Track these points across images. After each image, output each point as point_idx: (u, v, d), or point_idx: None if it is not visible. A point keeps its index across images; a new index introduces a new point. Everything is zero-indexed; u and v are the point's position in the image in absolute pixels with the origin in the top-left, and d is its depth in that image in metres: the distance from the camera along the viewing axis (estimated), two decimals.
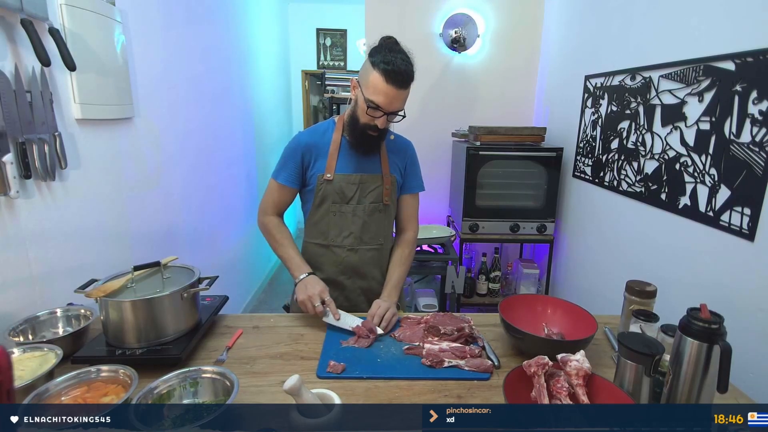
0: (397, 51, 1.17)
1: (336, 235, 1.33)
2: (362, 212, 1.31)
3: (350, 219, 1.31)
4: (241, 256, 3.11)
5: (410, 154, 1.40)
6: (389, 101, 1.15)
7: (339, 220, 1.31)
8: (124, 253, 1.57)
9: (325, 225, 1.33)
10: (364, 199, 1.31)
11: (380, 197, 1.32)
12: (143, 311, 0.99)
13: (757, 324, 1.16)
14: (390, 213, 1.36)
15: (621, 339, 0.83)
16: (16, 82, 1.07)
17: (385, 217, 1.35)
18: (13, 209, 1.09)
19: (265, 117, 3.79)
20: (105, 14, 1.41)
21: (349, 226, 1.32)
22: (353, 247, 1.33)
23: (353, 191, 1.30)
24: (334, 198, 1.30)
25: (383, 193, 1.32)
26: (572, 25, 2.29)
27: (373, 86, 1.15)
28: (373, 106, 1.16)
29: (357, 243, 1.33)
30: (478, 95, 2.72)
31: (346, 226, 1.32)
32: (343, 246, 1.33)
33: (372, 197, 1.31)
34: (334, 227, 1.32)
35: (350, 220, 1.31)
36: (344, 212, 1.31)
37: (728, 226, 1.26)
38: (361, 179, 1.30)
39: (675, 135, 1.49)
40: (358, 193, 1.30)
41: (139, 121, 1.68)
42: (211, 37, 2.49)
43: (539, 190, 2.40)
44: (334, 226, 1.32)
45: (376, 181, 1.31)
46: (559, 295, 2.48)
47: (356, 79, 1.23)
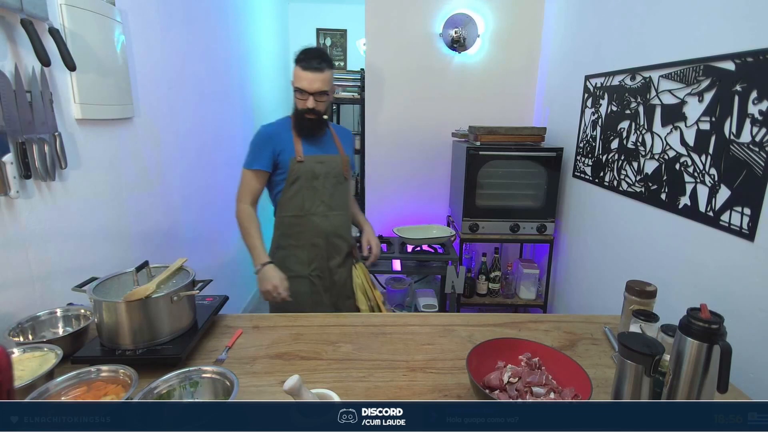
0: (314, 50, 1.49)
1: (310, 205, 1.59)
2: (330, 185, 1.60)
3: (321, 191, 1.59)
4: (241, 255, 3.10)
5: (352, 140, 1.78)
6: (309, 83, 1.47)
7: (311, 194, 1.58)
8: (124, 253, 1.57)
9: (300, 198, 1.58)
10: (329, 175, 1.59)
11: (341, 173, 1.63)
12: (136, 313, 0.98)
13: (757, 324, 1.16)
14: (348, 185, 1.69)
15: (621, 339, 0.83)
16: (16, 82, 1.07)
17: (345, 188, 1.67)
18: (13, 209, 1.09)
19: (265, 117, 3.78)
20: (105, 14, 1.41)
21: (321, 197, 1.59)
22: (325, 213, 1.60)
23: (321, 169, 1.57)
24: (307, 175, 1.56)
25: (343, 170, 1.63)
26: (572, 25, 2.29)
27: (296, 77, 1.49)
28: (298, 90, 1.49)
29: (328, 210, 1.61)
30: (478, 95, 2.71)
31: (318, 197, 1.59)
32: (317, 214, 1.59)
33: (334, 173, 1.60)
34: (308, 199, 1.58)
35: (321, 192, 1.59)
36: (315, 186, 1.58)
37: (728, 226, 1.26)
38: (325, 159, 1.59)
39: (675, 135, 1.49)
40: (324, 170, 1.58)
41: (139, 121, 1.68)
42: (212, 37, 2.49)
43: (539, 190, 2.40)
44: (308, 198, 1.58)
45: (336, 160, 1.62)
46: (559, 295, 2.48)
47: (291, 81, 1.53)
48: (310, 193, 1.58)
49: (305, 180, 1.56)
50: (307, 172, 1.55)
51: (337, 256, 1.65)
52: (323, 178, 1.58)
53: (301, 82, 1.48)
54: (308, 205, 1.58)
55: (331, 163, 1.60)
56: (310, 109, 1.50)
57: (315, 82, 1.47)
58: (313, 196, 1.58)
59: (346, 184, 1.66)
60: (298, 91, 1.50)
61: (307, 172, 1.55)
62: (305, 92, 1.48)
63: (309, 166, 1.55)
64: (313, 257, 1.61)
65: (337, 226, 1.63)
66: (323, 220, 1.60)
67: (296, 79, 1.49)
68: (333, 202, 1.61)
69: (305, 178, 1.56)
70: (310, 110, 1.51)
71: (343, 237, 1.66)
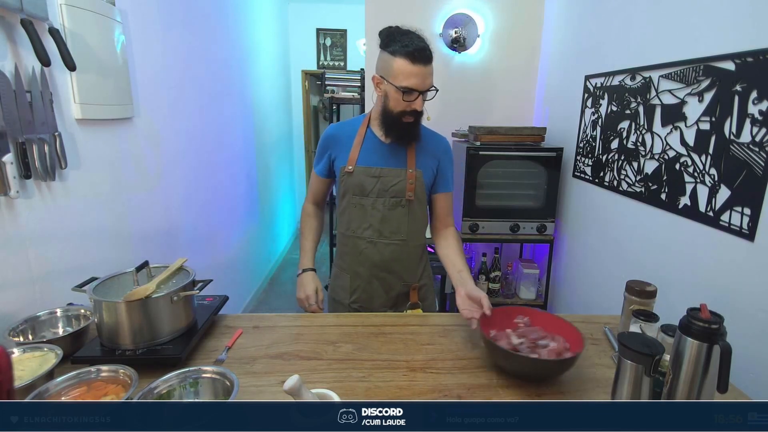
0: (408, 32, 1.19)
1: (357, 226, 1.34)
2: (382, 206, 1.30)
3: (370, 212, 1.31)
4: (241, 256, 3.11)
5: (443, 151, 1.37)
6: (421, 80, 1.17)
7: (359, 212, 1.32)
8: (124, 253, 1.57)
9: (347, 216, 1.35)
10: (385, 193, 1.30)
11: (402, 192, 1.30)
12: (136, 313, 0.98)
13: (757, 324, 1.16)
14: (415, 209, 1.33)
15: (621, 339, 0.83)
16: (16, 82, 1.07)
17: (408, 212, 1.32)
18: (13, 209, 1.09)
19: (265, 117, 3.79)
20: (105, 14, 1.41)
21: (369, 219, 1.32)
22: (372, 239, 1.33)
23: (373, 184, 1.29)
24: (354, 190, 1.31)
25: (406, 188, 1.30)
26: (572, 25, 2.29)
27: (401, 73, 1.16)
28: (408, 90, 1.17)
29: (377, 236, 1.32)
30: (478, 95, 2.72)
31: (366, 219, 1.32)
32: (363, 238, 1.33)
33: (393, 192, 1.30)
34: (355, 219, 1.33)
35: (370, 213, 1.31)
36: (364, 205, 1.31)
37: (728, 226, 1.26)
38: (382, 173, 1.29)
39: (675, 135, 1.49)
40: (378, 187, 1.29)
41: (139, 121, 1.69)
42: (212, 37, 2.49)
43: (539, 190, 2.40)
44: (355, 217, 1.33)
45: (398, 176, 1.30)
46: (559, 295, 2.48)
47: (378, 75, 1.23)
48: (357, 212, 1.32)
49: (352, 195, 1.32)
50: (354, 187, 1.30)
51: (384, 294, 1.37)
52: (374, 196, 1.30)
53: (411, 80, 1.15)
54: (354, 225, 1.34)
55: (389, 178, 1.29)
56: (413, 111, 1.20)
57: (428, 77, 1.17)
58: (360, 216, 1.32)
59: (408, 208, 1.32)
60: (403, 91, 1.17)
61: (355, 186, 1.30)
62: (414, 92, 1.17)
63: (357, 180, 1.29)
64: (356, 287, 1.38)
65: (387, 258, 1.33)
66: (369, 247, 1.33)
67: (401, 75, 1.16)
68: (384, 227, 1.31)
69: (352, 194, 1.31)
70: (413, 113, 1.21)
71: (396, 273, 1.36)
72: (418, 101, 1.19)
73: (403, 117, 1.22)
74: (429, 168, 1.34)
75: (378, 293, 1.38)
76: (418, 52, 1.14)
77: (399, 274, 1.37)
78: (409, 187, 1.30)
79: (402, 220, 1.32)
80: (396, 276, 1.37)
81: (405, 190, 1.30)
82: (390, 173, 1.30)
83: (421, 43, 1.16)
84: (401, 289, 1.38)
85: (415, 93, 1.18)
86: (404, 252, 1.35)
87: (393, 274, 1.36)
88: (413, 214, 1.34)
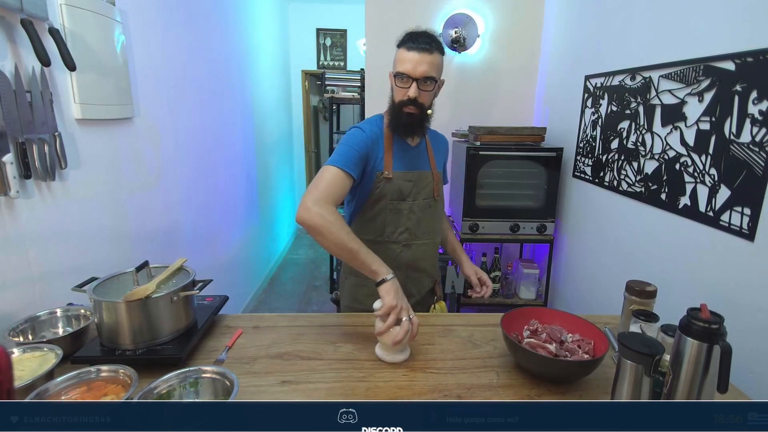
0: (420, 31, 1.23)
1: (392, 231, 1.33)
2: (417, 208, 1.34)
3: (406, 215, 1.33)
4: (241, 256, 3.11)
5: (446, 151, 1.49)
6: (414, 66, 1.18)
7: (395, 217, 1.32)
8: (124, 253, 1.57)
9: (381, 221, 1.33)
10: (419, 196, 1.34)
11: (431, 193, 1.36)
12: (136, 313, 0.98)
13: (757, 324, 1.16)
14: (439, 207, 1.41)
15: (621, 339, 0.83)
16: (16, 82, 1.07)
17: (436, 211, 1.40)
18: (13, 209, 1.09)
19: (265, 117, 3.79)
20: (105, 14, 1.41)
21: (405, 222, 1.33)
22: (408, 242, 1.35)
23: (410, 188, 1.32)
24: (392, 195, 1.30)
25: (433, 189, 1.36)
26: (572, 25, 2.29)
27: (399, 60, 1.22)
28: (399, 75, 1.21)
29: (411, 238, 1.35)
30: (478, 95, 2.72)
31: (402, 222, 1.33)
32: (398, 242, 1.34)
33: (425, 193, 1.35)
34: (390, 224, 1.33)
35: (406, 217, 1.33)
36: (401, 209, 1.32)
37: (728, 226, 1.26)
38: (417, 176, 1.33)
39: (675, 135, 1.49)
40: (414, 190, 1.33)
41: (139, 121, 1.69)
42: (211, 37, 2.49)
43: (539, 190, 2.40)
44: (390, 222, 1.33)
45: (427, 178, 1.35)
46: (559, 295, 2.48)
47: (390, 72, 1.27)
48: (393, 217, 1.32)
49: (390, 201, 1.30)
50: (393, 192, 1.29)
51: (416, 293, 1.40)
52: (411, 199, 1.32)
53: (404, 65, 1.19)
54: (390, 230, 1.33)
55: (421, 181, 1.33)
56: (411, 99, 1.20)
57: (421, 64, 1.18)
58: (396, 221, 1.32)
59: (435, 207, 1.38)
60: (398, 77, 1.21)
61: (394, 191, 1.29)
62: (408, 78, 1.19)
63: (397, 185, 1.29)
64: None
65: (419, 256, 1.37)
66: (404, 250, 1.34)
67: (399, 62, 1.21)
68: (419, 228, 1.35)
69: (390, 199, 1.30)
70: (411, 101, 1.21)
71: (426, 270, 1.40)
72: (413, 88, 1.20)
73: (403, 107, 1.23)
74: (440, 165, 1.43)
75: (412, 293, 1.39)
76: (413, 40, 1.19)
77: (428, 271, 1.42)
78: (436, 188, 1.37)
79: (433, 219, 1.38)
80: (426, 274, 1.42)
81: (433, 191, 1.36)
82: (423, 176, 1.34)
83: (420, 33, 1.21)
84: (428, 285, 1.44)
85: (407, 79, 1.20)
86: (431, 250, 1.42)
87: (423, 273, 1.41)
88: (438, 212, 1.42)
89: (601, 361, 0.94)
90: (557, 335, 1.05)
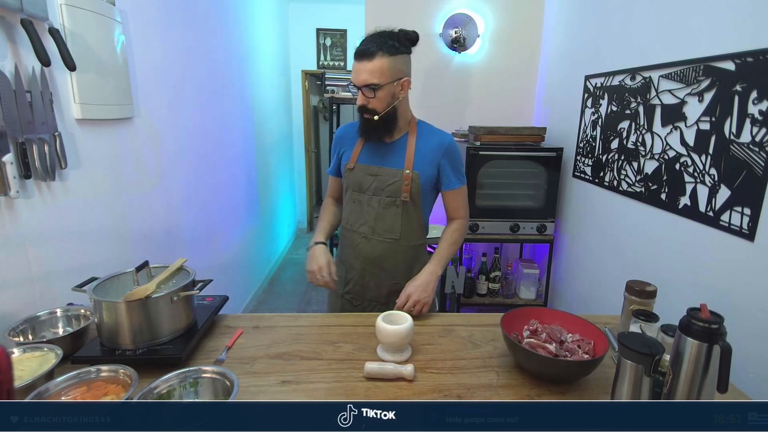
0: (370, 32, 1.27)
1: (354, 221, 1.40)
2: (377, 204, 1.35)
3: (365, 208, 1.36)
4: (241, 256, 3.11)
5: (446, 150, 1.35)
6: (355, 76, 1.24)
7: (357, 208, 1.38)
8: (124, 253, 1.57)
9: (348, 211, 1.41)
10: (381, 192, 1.34)
11: (398, 192, 1.32)
12: (136, 313, 0.98)
13: (757, 324, 1.16)
14: (409, 209, 1.35)
15: (621, 339, 0.83)
16: (16, 82, 1.07)
17: (403, 212, 1.34)
18: (13, 209, 1.09)
19: (265, 117, 3.79)
20: (105, 14, 1.41)
21: (364, 215, 1.37)
22: (367, 235, 1.38)
23: (370, 182, 1.34)
24: (354, 186, 1.37)
25: (401, 189, 1.32)
26: (572, 25, 2.29)
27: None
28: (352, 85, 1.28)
29: (370, 232, 1.37)
30: (479, 95, 2.72)
31: (362, 215, 1.37)
32: (358, 233, 1.39)
33: (389, 191, 1.33)
34: (353, 214, 1.39)
35: (365, 210, 1.37)
36: (361, 201, 1.37)
37: (728, 226, 1.26)
38: (379, 171, 1.34)
39: (675, 135, 1.49)
40: (374, 185, 1.34)
41: (139, 121, 1.68)
42: (211, 37, 2.49)
43: (539, 190, 2.40)
44: (353, 212, 1.39)
45: (394, 176, 1.32)
46: (559, 295, 2.48)
47: None
48: (356, 207, 1.38)
49: (352, 192, 1.38)
50: (354, 183, 1.36)
51: (375, 288, 1.41)
52: (370, 194, 1.34)
53: (352, 75, 1.26)
54: (352, 219, 1.40)
55: (385, 177, 1.33)
56: (360, 107, 1.28)
57: (361, 73, 1.22)
58: (358, 212, 1.38)
59: (403, 208, 1.34)
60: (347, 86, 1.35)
61: (355, 183, 1.36)
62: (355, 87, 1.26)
63: (357, 177, 1.36)
64: (349, 279, 1.43)
65: (379, 254, 1.37)
66: (363, 242, 1.38)
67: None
68: (378, 224, 1.35)
69: (352, 190, 1.38)
70: (361, 108, 1.28)
71: (388, 270, 1.39)
72: (359, 96, 1.26)
73: (362, 112, 1.30)
74: (428, 170, 1.34)
75: (370, 287, 1.42)
76: (357, 51, 1.24)
77: (390, 272, 1.39)
78: (404, 188, 1.31)
79: (396, 219, 1.35)
80: (387, 274, 1.39)
81: (400, 190, 1.32)
82: (387, 173, 1.33)
83: (365, 40, 1.24)
84: (392, 287, 1.39)
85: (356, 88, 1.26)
86: (396, 251, 1.38)
87: (384, 272, 1.39)
88: (408, 214, 1.35)
89: (601, 361, 0.94)
90: (557, 335, 1.05)
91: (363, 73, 1.21)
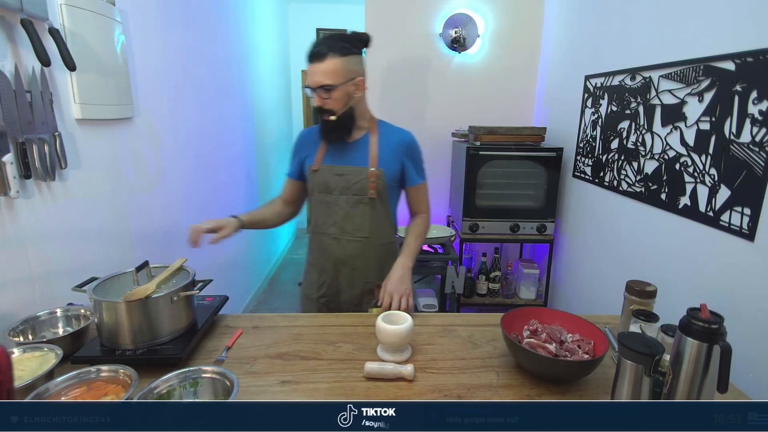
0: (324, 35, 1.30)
1: (322, 223, 1.39)
2: (345, 203, 1.35)
3: (333, 209, 1.36)
4: (241, 256, 3.11)
5: (407, 147, 1.39)
6: (309, 77, 1.26)
7: (324, 209, 1.38)
8: (124, 253, 1.57)
9: (315, 213, 1.41)
10: (348, 191, 1.34)
11: (364, 190, 1.33)
12: (136, 313, 0.98)
13: (757, 324, 1.16)
14: (377, 206, 1.36)
15: (621, 339, 0.83)
16: (16, 82, 1.07)
17: (371, 210, 1.36)
18: (13, 209, 1.09)
19: (265, 117, 3.79)
20: (105, 14, 1.41)
21: (333, 216, 1.37)
22: (336, 236, 1.38)
23: (337, 182, 1.34)
24: (320, 188, 1.37)
25: (368, 187, 1.33)
26: (572, 25, 2.29)
27: None
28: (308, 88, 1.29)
29: (340, 233, 1.37)
30: (478, 95, 2.72)
31: (330, 216, 1.37)
32: (328, 234, 1.39)
33: (356, 189, 1.34)
34: (320, 216, 1.39)
35: (334, 210, 1.37)
36: (329, 202, 1.37)
37: (728, 226, 1.26)
38: (345, 171, 1.34)
39: (675, 135, 1.49)
40: (341, 184, 1.34)
41: (139, 121, 1.68)
42: (211, 37, 2.49)
43: (539, 190, 2.40)
44: (321, 214, 1.39)
45: (360, 174, 1.33)
46: (559, 295, 2.48)
47: None
48: (323, 209, 1.38)
49: (318, 193, 1.38)
50: (320, 185, 1.36)
51: (349, 289, 1.42)
52: (338, 193, 1.35)
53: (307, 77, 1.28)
54: (320, 221, 1.40)
55: (351, 176, 1.33)
56: (318, 107, 1.28)
57: (314, 74, 1.24)
58: (326, 213, 1.38)
59: (371, 205, 1.35)
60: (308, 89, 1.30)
61: (321, 184, 1.36)
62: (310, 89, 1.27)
63: (323, 178, 1.35)
64: (322, 282, 1.43)
65: (349, 254, 1.38)
66: (333, 244, 1.38)
67: None
68: (347, 224, 1.36)
69: (318, 191, 1.38)
70: (317, 109, 1.29)
71: (360, 270, 1.39)
72: (314, 97, 1.27)
73: (318, 114, 1.31)
74: (392, 167, 1.36)
75: (344, 288, 1.42)
76: (309, 53, 1.25)
77: (362, 271, 1.40)
78: (370, 186, 1.33)
79: (364, 217, 1.36)
80: (359, 273, 1.40)
81: (367, 188, 1.33)
82: (353, 171, 1.34)
83: (316, 42, 1.26)
84: (364, 287, 1.41)
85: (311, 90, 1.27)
86: (367, 249, 1.38)
87: (356, 271, 1.40)
88: (376, 212, 1.37)
89: (601, 361, 0.94)
90: (557, 335, 1.05)
91: (316, 75, 1.23)
